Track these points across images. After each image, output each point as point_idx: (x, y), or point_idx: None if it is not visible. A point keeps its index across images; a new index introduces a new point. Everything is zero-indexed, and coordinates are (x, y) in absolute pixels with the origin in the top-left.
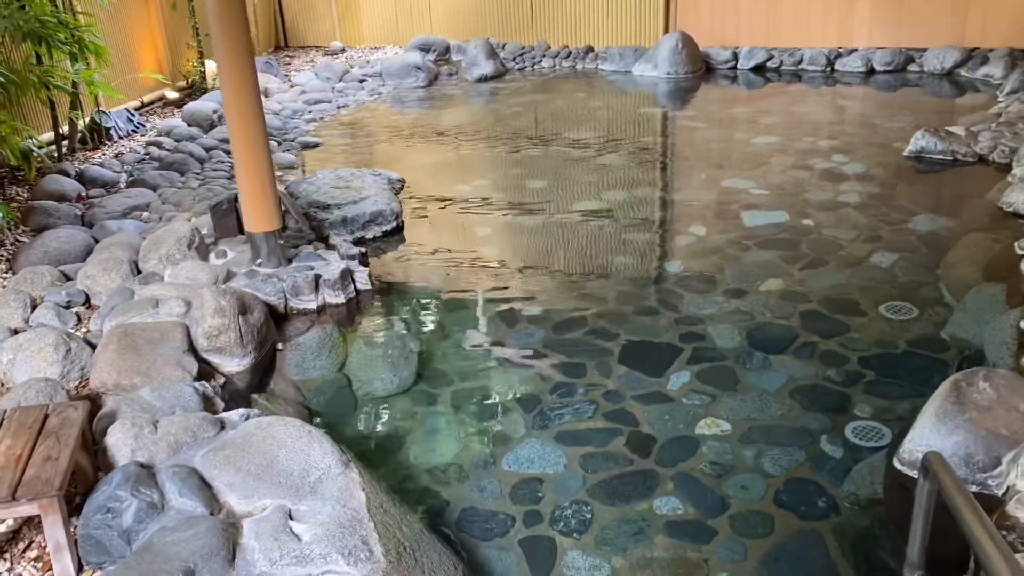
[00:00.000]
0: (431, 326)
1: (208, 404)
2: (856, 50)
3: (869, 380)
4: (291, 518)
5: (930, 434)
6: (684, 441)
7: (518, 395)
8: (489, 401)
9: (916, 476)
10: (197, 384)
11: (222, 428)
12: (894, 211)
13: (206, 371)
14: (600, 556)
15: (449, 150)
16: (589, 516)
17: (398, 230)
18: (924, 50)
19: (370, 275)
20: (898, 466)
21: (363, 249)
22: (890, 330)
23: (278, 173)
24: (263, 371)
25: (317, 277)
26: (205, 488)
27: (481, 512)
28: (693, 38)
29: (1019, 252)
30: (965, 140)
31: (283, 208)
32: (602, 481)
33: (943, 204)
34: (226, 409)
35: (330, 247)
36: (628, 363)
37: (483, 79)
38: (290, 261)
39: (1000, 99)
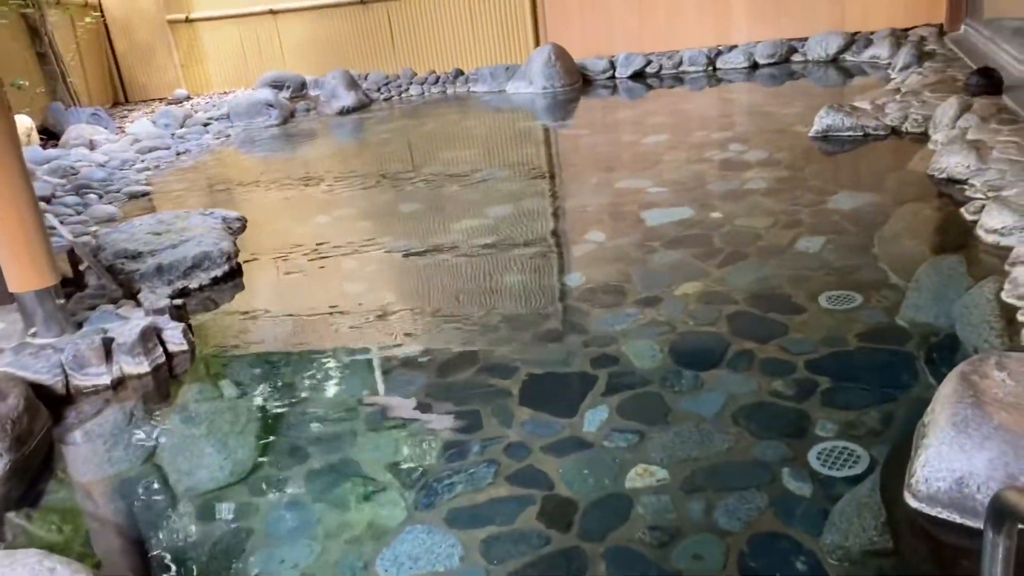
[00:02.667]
0: (275, 388)
1: None
2: (736, 46)
3: (825, 389)
4: None
5: (950, 452)
6: (613, 501)
7: (395, 465)
8: (357, 478)
9: (940, 515)
10: None
11: None
12: (809, 192)
13: None
14: None
15: (305, 184)
16: None
17: (233, 275)
18: (806, 39)
19: (187, 332)
20: (912, 503)
21: (180, 301)
22: (836, 324)
23: (93, 227)
24: (30, 477)
25: (109, 342)
26: None
27: None
28: (567, 50)
29: (969, 217)
30: (873, 114)
31: (81, 264)
32: (512, 574)
33: (863, 180)
34: None
35: (140, 304)
36: (532, 403)
37: (344, 111)
38: (81, 326)
39: (893, 76)
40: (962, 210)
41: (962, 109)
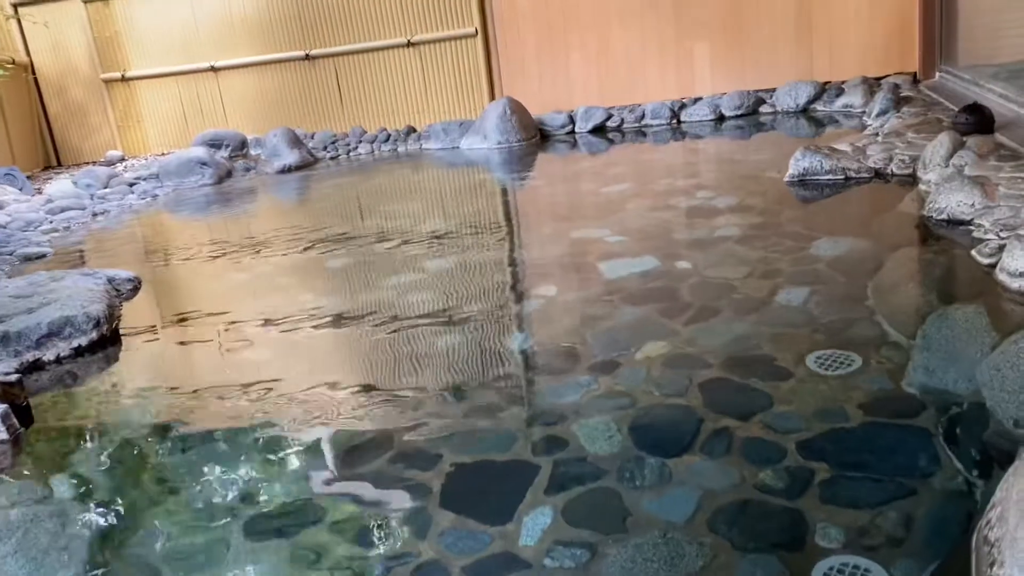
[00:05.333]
0: (127, 487)
1: None
2: (701, 98)
3: (824, 479)
4: None
5: None
6: None
7: None
8: None
9: None
10: None
11: None
12: (788, 239)
13: None
14: None
15: (224, 243)
16: None
17: (104, 344)
18: (773, 90)
19: (10, 416)
20: None
21: (16, 377)
22: (830, 393)
23: None
24: None
25: None
26: None
27: None
28: (523, 104)
29: (983, 261)
30: (854, 156)
31: None
32: None
33: (850, 225)
34: None
35: None
36: (456, 506)
37: (287, 170)
38: None
39: (870, 122)
40: (973, 253)
41: (955, 146)
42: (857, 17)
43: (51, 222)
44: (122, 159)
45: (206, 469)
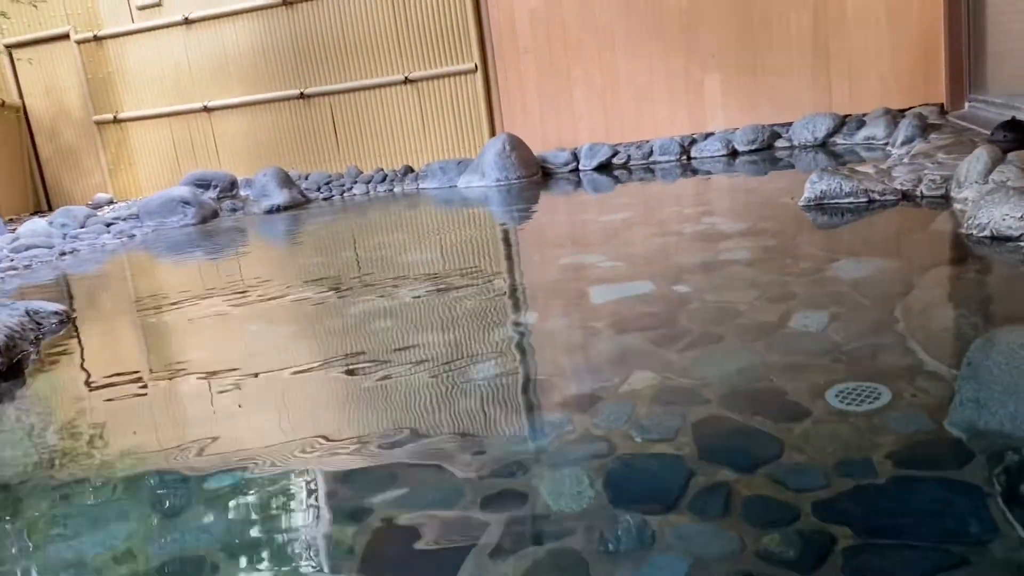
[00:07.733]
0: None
1: None
2: (712, 133)
3: (847, 547)
4: None
5: None
6: None
7: None
8: None
9: None
10: None
11: None
12: (803, 260)
13: None
14: None
15: (185, 280)
16: None
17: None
18: (790, 124)
19: None
20: None
21: None
22: (854, 436)
23: None
24: None
25: None
26: None
27: None
28: (524, 141)
29: None
30: (878, 178)
31: None
32: None
33: (874, 246)
34: None
35: None
36: (380, 574)
37: (275, 210)
38: None
39: (894, 151)
40: None
41: (994, 161)
42: (878, 46)
43: (11, 260)
44: (111, 202)
45: (79, 526)
